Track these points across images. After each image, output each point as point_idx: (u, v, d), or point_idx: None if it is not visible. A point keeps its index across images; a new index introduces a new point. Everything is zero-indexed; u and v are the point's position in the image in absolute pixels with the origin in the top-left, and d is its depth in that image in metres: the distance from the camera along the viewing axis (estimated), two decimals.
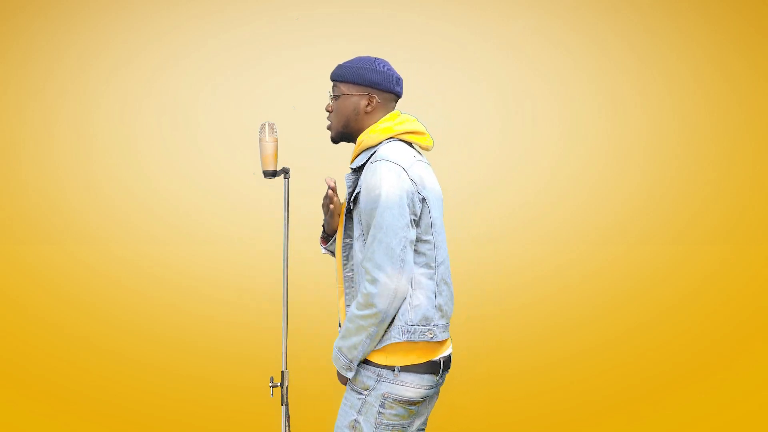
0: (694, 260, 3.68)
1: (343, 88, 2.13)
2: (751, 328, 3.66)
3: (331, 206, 2.14)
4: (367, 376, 2.02)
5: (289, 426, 2.34)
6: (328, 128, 2.18)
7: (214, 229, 3.65)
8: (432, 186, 2.09)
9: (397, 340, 1.99)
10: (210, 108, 3.68)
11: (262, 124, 2.29)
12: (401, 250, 1.94)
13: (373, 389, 2.01)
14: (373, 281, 1.94)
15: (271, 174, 2.28)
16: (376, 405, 2.00)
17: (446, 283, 2.08)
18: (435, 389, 2.09)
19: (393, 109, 2.17)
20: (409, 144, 2.14)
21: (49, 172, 3.65)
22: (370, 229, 1.98)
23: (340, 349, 2.03)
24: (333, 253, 2.28)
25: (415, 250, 2.01)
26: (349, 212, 2.10)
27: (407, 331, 1.99)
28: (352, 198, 2.08)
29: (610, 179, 3.71)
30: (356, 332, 1.98)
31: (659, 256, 3.68)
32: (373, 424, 2.01)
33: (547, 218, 3.70)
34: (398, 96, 2.18)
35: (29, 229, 3.63)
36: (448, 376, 2.18)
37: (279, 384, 2.34)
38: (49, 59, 3.67)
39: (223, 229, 3.65)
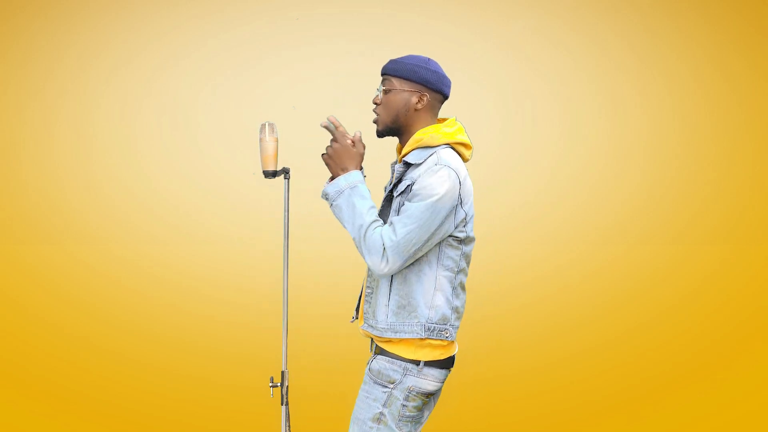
0: (694, 260, 3.68)
1: (396, 83, 2.15)
2: (751, 328, 3.66)
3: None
4: (393, 370, 2.09)
5: (289, 426, 2.34)
6: (375, 122, 2.19)
7: (214, 229, 3.65)
8: (472, 198, 2.16)
9: (419, 336, 2.07)
10: (210, 108, 3.68)
11: (262, 124, 2.29)
12: (416, 250, 2.00)
13: (399, 383, 2.08)
14: (383, 259, 1.98)
15: (271, 174, 2.27)
16: (401, 398, 2.08)
17: (464, 288, 2.16)
18: (443, 383, 2.18)
19: (439, 109, 2.21)
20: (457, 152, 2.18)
21: (49, 172, 3.65)
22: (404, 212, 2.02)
23: (326, 195, 2.09)
24: None
25: (444, 253, 2.08)
26: (389, 200, 2.15)
27: (428, 329, 2.07)
28: (401, 189, 2.09)
29: (610, 179, 3.70)
30: (349, 219, 2.04)
31: (659, 256, 3.68)
32: (397, 417, 2.09)
33: (547, 218, 3.69)
34: (446, 97, 2.22)
35: (29, 229, 3.63)
36: (448, 375, 2.21)
37: (279, 384, 2.34)
38: (49, 59, 3.66)
39: (223, 229, 3.65)
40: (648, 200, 3.70)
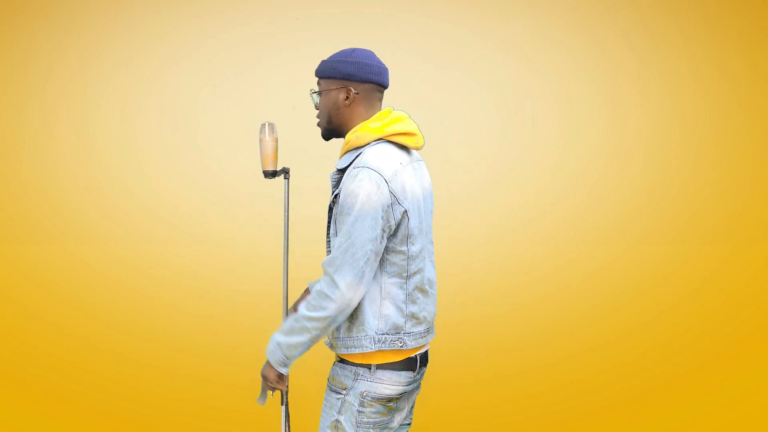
0: (694, 260, 3.68)
1: (323, 84, 2.10)
2: (751, 328, 3.66)
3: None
4: (345, 375, 2.03)
5: (289, 426, 2.34)
6: (318, 125, 2.15)
7: (214, 229, 3.65)
8: (415, 194, 2.02)
9: (369, 350, 1.99)
10: (210, 108, 3.68)
11: (262, 124, 2.29)
12: (364, 263, 1.90)
13: (351, 388, 2.01)
14: (332, 285, 1.90)
15: (271, 174, 2.27)
16: (356, 404, 2.00)
17: (422, 290, 2.05)
18: (414, 384, 2.09)
19: (378, 99, 2.09)
20: (400, 145, 2.05)
21: (49, 172, 3.65)
22: (339, 232, 1.95)
23: (279, 345, 2.00)
24: None
25: (387, 260, 1.98)
26: (331, 211, 2.06)
27: (378, 341, 1.99)
28: (333, 198, 2.03)
29: (610, 179, 3.70)
30: (300, 332, 1.96)
31: (659, 256, 3.68)
32: (354, 423, 2.01)
33: (547, 218, 3.69)
34: (381, 86, 2.07)
35: (29, 229, 3.63)
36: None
37: None
38: (49, 59, 3.67)
39: (223, 229, 3.65)
40: (648, 200, 3.70)
